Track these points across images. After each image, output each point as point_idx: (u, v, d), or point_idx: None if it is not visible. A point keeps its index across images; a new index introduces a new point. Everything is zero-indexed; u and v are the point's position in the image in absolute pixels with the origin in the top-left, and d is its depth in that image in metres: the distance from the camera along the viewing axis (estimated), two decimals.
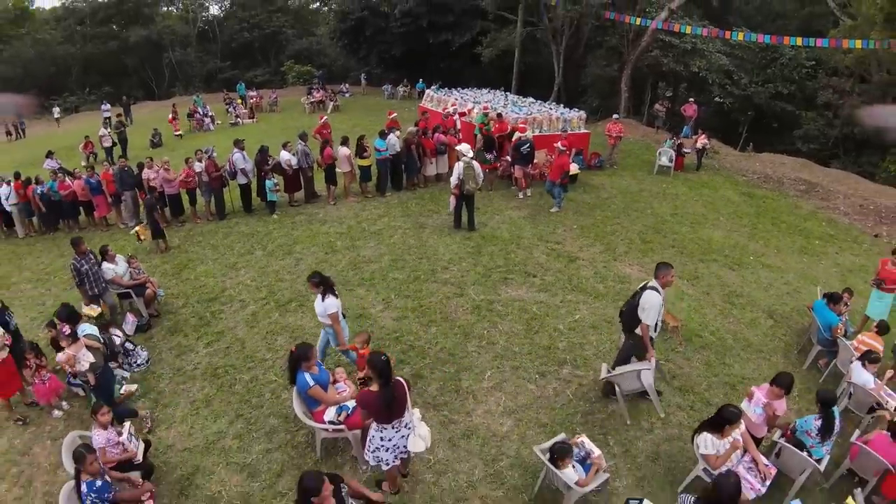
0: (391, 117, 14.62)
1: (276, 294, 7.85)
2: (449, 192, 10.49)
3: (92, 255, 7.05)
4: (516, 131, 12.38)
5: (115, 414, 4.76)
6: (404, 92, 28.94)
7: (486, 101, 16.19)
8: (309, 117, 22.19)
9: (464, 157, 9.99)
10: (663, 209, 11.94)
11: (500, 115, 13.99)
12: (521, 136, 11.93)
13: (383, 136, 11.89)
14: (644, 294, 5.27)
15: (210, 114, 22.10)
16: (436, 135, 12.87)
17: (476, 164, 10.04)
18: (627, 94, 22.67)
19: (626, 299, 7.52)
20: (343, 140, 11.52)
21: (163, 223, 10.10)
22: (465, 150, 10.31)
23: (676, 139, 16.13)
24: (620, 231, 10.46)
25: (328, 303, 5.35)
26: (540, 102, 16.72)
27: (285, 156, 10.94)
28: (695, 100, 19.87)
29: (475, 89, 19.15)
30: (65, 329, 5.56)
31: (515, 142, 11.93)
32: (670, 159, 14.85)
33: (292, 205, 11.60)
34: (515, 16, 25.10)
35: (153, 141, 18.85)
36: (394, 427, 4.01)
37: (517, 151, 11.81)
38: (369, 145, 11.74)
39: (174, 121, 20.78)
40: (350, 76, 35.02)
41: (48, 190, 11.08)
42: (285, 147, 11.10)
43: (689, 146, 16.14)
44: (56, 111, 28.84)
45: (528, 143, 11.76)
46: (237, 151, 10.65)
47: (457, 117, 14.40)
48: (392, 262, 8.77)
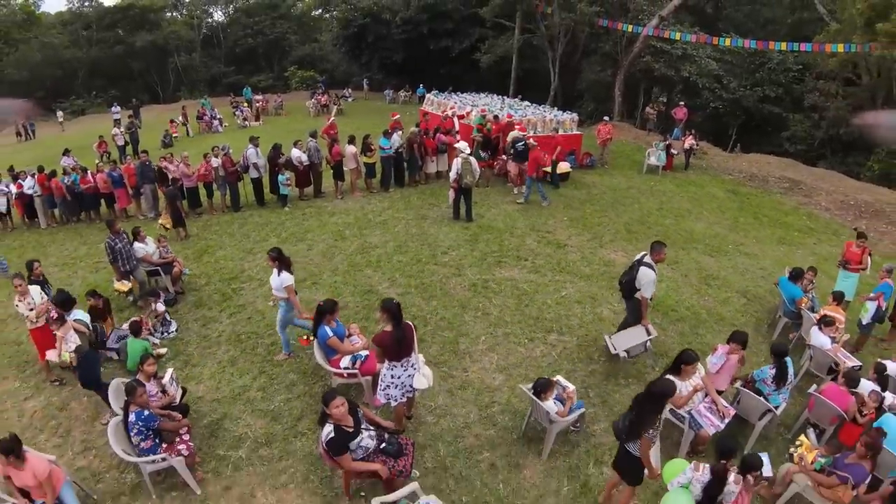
0: (394, 119, 15.41)
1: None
2: (448, 187, 11.27)
3: (125, 234, 7.79)
4: (512, 129, 13.20)
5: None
6: (405, 97, 29.81)
7: (483, 105, 17.01)
8: (313, 120, 22.99)
9: (462, 153, 10.80)
10: (650, 204, 12.71)
11: (497, 116, 14.80)
12: (517, 133, 12.72)
13: (387, 135, 12.68)
14: (640, 270, 6.11)
15: (218, 116, 22.91)
16: (437, 135, 13.67)
17: (473, 160, 10.83)
18: (621, 98, 23.53)
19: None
20: (350, 139, 12.30)
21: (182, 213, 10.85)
22: (463, 148, 11.12)
23: (666, 141, 16.92)
24: (607, 223, 11.22)
25: (284, 276, 6.00)
26: (535, 105, 17.51)
27: (296, 153, 11.72)
28: (686, 103, 20.69)
29: (473, 94, 20.00)
30: (52, 313, 5.94)
31: (511, 139, 12.70)
32: (659, 159, 15.64)
33: (302, 199, 12.37)
34: (513, 23, 25.99)
35: (164, 141, 19.61)
36: (402, 365, 4.74)
37: (513, 148, 12.58)
38: (374, 144, 12.53)
39: (173, 123, 21.32)
40: (352, 81, 35.90)
41: (71, 182, 11.84)
42: (296, 145, 11.87)
43: (678, 148, 16.94)
44: (60, 115, 29.46)
45: (523, 141, 12.53)
46: (251, 147, 11.44)
47: (455, 119, 15.21)
48: (396, 248, 9.53)
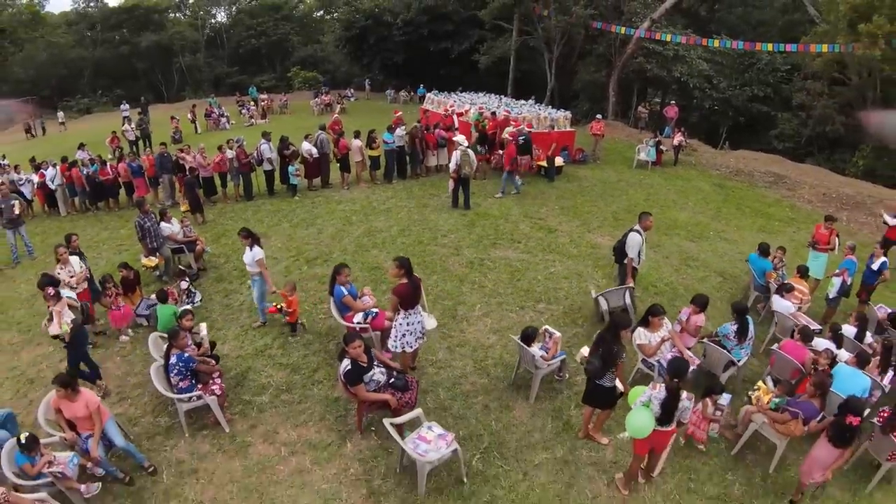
0: (397, 115, 16.21)
1: (304, 253, 9.37)
2: (448, 178, 12.05)
3: (153, 215, 8.53)
4: (509, 126, 13.97)
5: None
6: (406, 97, 30.60)
7: (481, 103, 17.79)
8: (317, 118, 23.71)
9: (461, 146, 11.58)
10: (637, 195, 13.47)
11: (495, 113, 15.59)
12: (521, 128, 13.49)
13: (391, 130, 13.47)
14: (629, 235, 7.04)
15: (225, 114, 23.68)
16: (437, 130, 14.44)
17: (471, 152, 11.62)
18: (615, 98, 24.33)
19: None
20: (356, 133, 13.10)
21: None
22: (462, 141, 11.92)
23: (656, 138, 17.68)
24: (596, 211, 11.99)
25: (255, 251, 6.69)
26: (530, 103, 18.28)
27: (306, 146, 12.49)
28: (678, 103, 21.50)
29: (472, 93, 20.79)
30: (49, 290, 6.28)
31: (515, 134, 13.46)
32: (648, 155, 16.41)
33: (311, 189, 13.13)
34: (511, 25, 26.79)
35: (174, 137, 20.36)
36: (414, 313, 5.50)
37: (516, 142, 13.38)
38: (378, 138, 13.29)
39: (174, 119, 21.79)
40: (354, 82, 36.71)
41: (91, 173, 12.58)
42: (307, 139, 12.64)
43: (668, 144, 17.71)
44: (61, 115, 29.98)
45: (525, 136, 13.30)
46: (264, 142, 12.22)
47: (455, 117, 15.99)
48: (400, 232, 10.29)
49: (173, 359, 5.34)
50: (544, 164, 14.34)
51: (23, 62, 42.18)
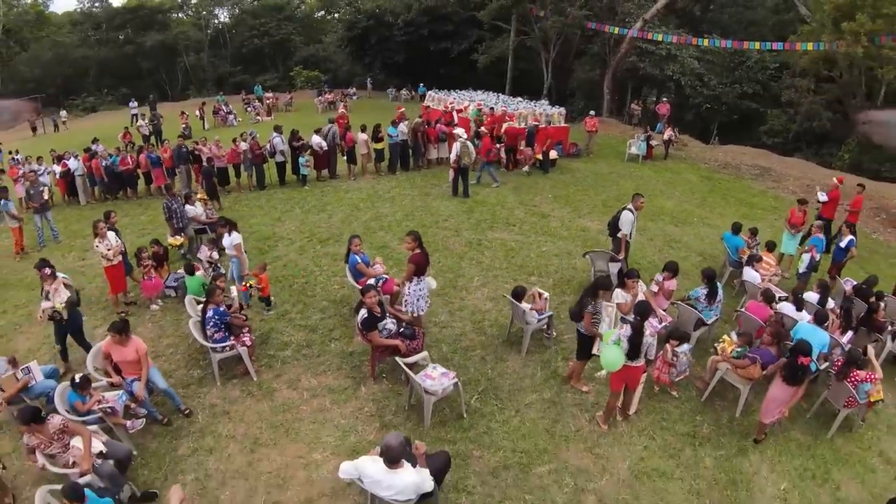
0: (400, 111, 16.99)
1: (317, 234, 10.17)
2: (448, 169, 12.84)
3: (179, 198, 9.30)
4: (505, 121, 14.77)
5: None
6: (407, 95, 31.38)
7: (479, 100, 18.61)
8: (321, 116, 24.51)
9: (460, 138, 12.38)
10: (627, 185, 14.24)
11: (493, 109, 16.40)
12: (533, 123, 14.40)
13: (394, 124, 14.28)
14: (622, 213, 7.90)
15: (232, 111, 24.49)
16: (438, 125, 15.23)
17: (470, 144, 12.41)
18: (609, 95, 25.14)
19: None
20: (362, 127, 13.93)
21: None
22: (461, 133, 12.71)
23: (647, 133, 18.47)
24: (587, 199, 12.78)
25: (233, 236, 7.55)
26: (526, 100, 19.09)
27: (316, 139, 13.30)
28: (672, 100, 22.33)
29: (471, 91, 21.61)
30: (46, 270, 6.62)
31: (490, 127, 14.26)
32: (639, 149, 17.20)
33: (319, 179, 13.92)
34: (509, 26, 27.61)
35: (184, 132, 21.11)
36: (422, 279, 6.29)
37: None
38: (383, 132, 14.09)
39: (183, 115, 22.66)
40: (355, 81, 37.50)
41: (111, 164, 13.35)
42: (317, 132, 13.43)
43: (659, 140, 18.49)
44: (63, 114, 30.61)
45: (531, 130, 14.15)
46: (276, 136, 13.01)
47: (455, 113, 16.79)
48: (404, 216, 11.08)
49: (210, 312, 6.09)
50: (539, 157, 15.12)
51: (28, 61, 42.94)
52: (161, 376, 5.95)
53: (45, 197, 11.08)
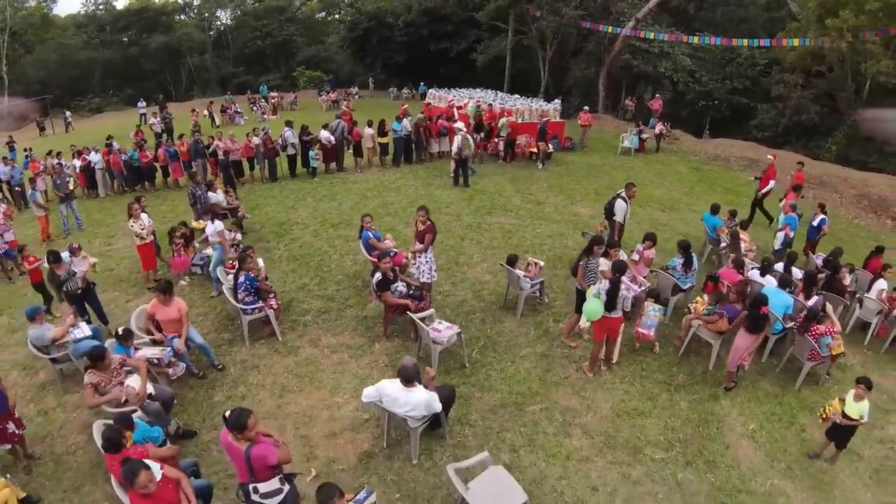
0: (403, 108, 17.80)
1: (329, 220, 11.00)
2: (449, 162, 13.66)
3: (203, 185, 10.10)
4: (503, 117, 15.62)
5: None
6: (408, 94, 32.21)
7: (478, 97, 19.41)
8: (325, 114, 25.31)
9: (460, 131, 13.21)
10: (618, 176, 15.03)
11: (491, 105, 17.22)
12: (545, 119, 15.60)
13: (398, 120, 15.07)
14: (616, 201, 8.69)
15: (239, 110, 25.33)
16: (439, 120, 16.03)
17: (469, 137, 13.24)
18: (604, 92, 25.96)
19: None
20: (368, 123, 14.75)
21: None
22: (461, 127, 13.56)
23: (639, 127, 19.27)
24: (580, 188, 13.59)
25: (216, 224, 8.27)
26: (523, 97, 19.89)
27: (325, 134, 14.11)
28: (666, 96, 23.10)
29: (470, 89, 22.41)
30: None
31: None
32: (632, 142, 18.00)
33: (328, 172, 14.72)
34: (507, 26, 28.41)
35: (193, 130, 21.91)
36: (430, 250, 7.09)
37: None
38: (388, 127, 14.89)
39: (194, 112, 23.35)
40: (357, 80, 38.30)
41: (129, 158, 14.14)
42: (325, 128, 14.24)
43: (651, 134, 19.29)
44: (68, 114, 31.28)
45: (542, 124, 15.06)
46: (288, 129, 13.82)
47: (455, 110, 17.59)
48: (409, 204, 11.88)
49: (241, 278, 6.89)
50: (535, 150, 15.92)
51: (34, 63, 43.61)
52: (198, 333, 6.74)
53: (71, 187, 11.85)
